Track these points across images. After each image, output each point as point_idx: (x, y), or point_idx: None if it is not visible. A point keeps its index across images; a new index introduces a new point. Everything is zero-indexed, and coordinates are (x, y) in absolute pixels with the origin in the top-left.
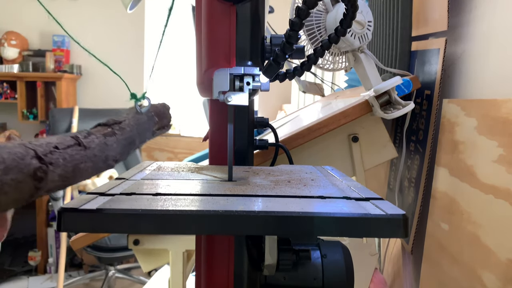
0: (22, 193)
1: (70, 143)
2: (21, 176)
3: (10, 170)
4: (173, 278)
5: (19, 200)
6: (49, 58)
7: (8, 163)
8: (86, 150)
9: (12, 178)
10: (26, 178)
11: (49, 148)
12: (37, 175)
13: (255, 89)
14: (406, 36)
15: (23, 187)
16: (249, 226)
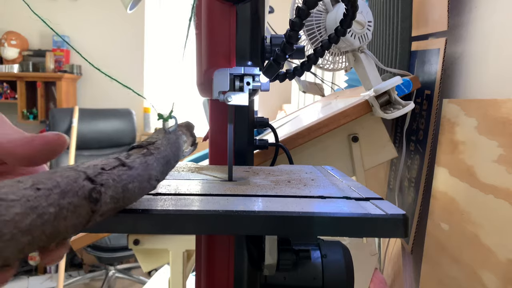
0: (80, 218)
1: (114, 164)
2: (77, 199)
3: (66, 193)
4: (173, 278)
5: (78, 226)
6: (49, 58)
7: (63, 187)
8: (131, 170)
9: (69, 202)
10: (82, 201)
11: (97, 170)
12: (92, 196)
13: (255, 89)
14: (406, 36)
15: (81, 211)
16: (249, 226)
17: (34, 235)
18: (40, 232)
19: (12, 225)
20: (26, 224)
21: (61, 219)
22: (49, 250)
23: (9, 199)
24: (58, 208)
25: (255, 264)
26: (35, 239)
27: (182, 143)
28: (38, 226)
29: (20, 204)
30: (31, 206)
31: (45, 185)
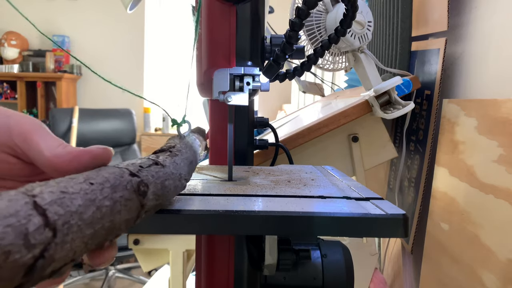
0: (131, 212)
1: (149, 162)
2: (127, 193)
3: (116, 187)
4: (173, 278)
5: (129, 221)
6: (49, 58)
7: (112, 181)
8: (164, 168)
9: (120, 196)
10: (131, 194)
11: (137, 167)
12: (140, 189)
13: (255, 89)
14: (406, 36)
15: (131, 205)
16: (249, 226)
17: (95, 228)
18: (101, 225)
19: (77, 216)
20: (89, 216)
21: (116, 213)
22: (101, 250)
23: (70, 192)
24: (112, 202)
25: (255, 264)
26: (96, 233)
27: (198, 147)
28: (98, 219)
29: (80, 196)
30: (90, 199)
31: (96, 180)
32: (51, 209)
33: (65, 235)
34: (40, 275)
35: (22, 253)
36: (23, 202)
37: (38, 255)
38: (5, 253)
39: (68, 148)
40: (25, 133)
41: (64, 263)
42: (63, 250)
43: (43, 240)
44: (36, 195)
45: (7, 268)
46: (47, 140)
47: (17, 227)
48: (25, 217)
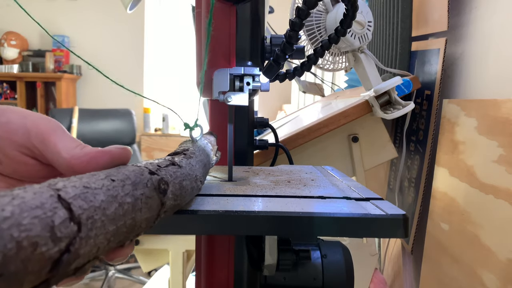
0: (151, 211)
1: (166, 163)
2: (148, 191)
3: (137, 184)
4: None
5: (150, 220)
6: (49, 58)
7: (133, 179)
8: (181, 169)
9: (141, 193)
10: (152, 192)
11: (155, 166)
12: (161, 187)
13: (255, 89)
14: (406, 36)
15: (152, 203)
16: (249, 226)
17: (118, 224)
18: (123, 222)
19: (101, 212)
20: (112, 212)
21: (137, 211)
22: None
23: (92, 187)
24: (134, 199)
25: (255, 264)
26: (118, 230)
27: (210, 151)
28: (120, 216)
29: (103, 192)
30: (112, 195)
31: (117, 177)
32: (75, 203)
33: (89, 230)
34: (65, 271)
35: (48, 245)
36: (48, 195)
37: (64, 249)
38: (32, 244)
39: (86, 149)
40: (42, 134)
41: (88, 260)
42: (87, 245)
43: (68, 233)
44: (60, 189)
45: (35, 260)
46: (64, 141)
47: (43, 219)
48: (50, 210)
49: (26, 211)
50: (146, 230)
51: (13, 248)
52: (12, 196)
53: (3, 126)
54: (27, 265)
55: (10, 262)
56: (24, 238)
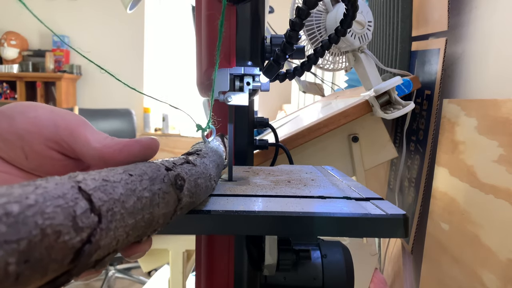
0: (168, 206)
1: (181, 161)
2: (165, 186)
3: (154, 180)
4: (173, 278)
5: (167, 216)
6: (49, 58)
7: (150, 174)
8: (196, 167)
9: (159, 188)
10: (169, 187)
11: (171, 164)
12: (177, 183)
13: (255, 89)
14: (406, 36)
15: (169, 198)
16: (249, 226)
17: (136, 218)
18: (141, 216)
19: (120, 204)
20: (130, 205)
21: (155, 205)
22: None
23: (111, 180)
24: (151, 194)
25: (255, 264)
26: (137, 224)
27: (222, 152)
28: (139, 210)
29: (121, 185)
30: (130, 189)
31: (135, 172)
32: (96, 194)
33: (109, 222)
34: (86, 262)
35: (71, 235)
36: (69, 186)
37: (85, 239)
38: (56, 232)
39: (116, 139)
40: (71, 127)
41: (108, 252)
42: (107, 237)
43: (89, 224)
44: (80, 181)
45: (58, 249)
46: (94, 133)
47: (66, 208)
48: (72, 200)
49: (49, 200)
50: (163, 226)
51: (38, 235)
52: (35, 185)
53: (32, 120)
54: (50, 253)
55: (35, 249)
56: (48, 225)
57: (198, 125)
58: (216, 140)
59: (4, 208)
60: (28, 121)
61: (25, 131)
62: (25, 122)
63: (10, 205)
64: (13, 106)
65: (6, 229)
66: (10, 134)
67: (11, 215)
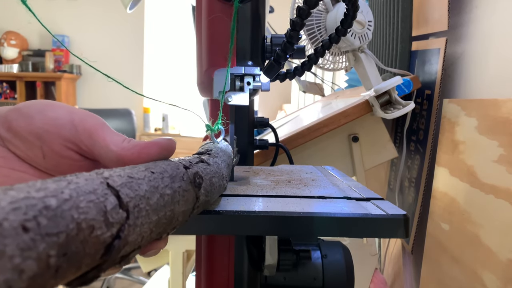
0: (187, 204)
1: (196, 160)
2: (184, 184)
3: (174, 178)
4: (173, 278)
5: (186, 213)
6: (49, 58)
7: (170, 172)
8: (210, 166)
9: (179, 186)
10: (188, 185)
11: (187, 162)
12: (196, 181)
13: (255, 89)
14: (406, 36)
15: (188, 196)
16: (249, 226)
17: (159, 215)
18: (163, 213)
19: (145, 201)
20: (154, 202)
21: (175, 203)
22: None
23: (136, 177)
24: (172, 191)
25: (255, 264)
26: (159, 221)
27: (231, 153)
28: (162, 207)
29: (145, 182)
30: (153, 186)
31: (156, 170)
32: (123, 191)
33: (136, 218)
34: (115, 257)
35: (102, 229)
36: (98, 182)
37: (115, 234)
38: (89, 227)
39: (134, 142)
40: (90, 129)
41: (133, 249)
42: (134, 233)
43: (119, 219)
44: (107, 177)
45: (92, 243)
46: (112, 135)
47: (97, 204)
48: (102, 195)
49: (82, 195)
50: (182, 224)
51: (74, 229)
52: (67, 181)
53: (52, 120)
54: (85, 247)
55: (72, 242)
56: (83, 220)
57: (208, 125)
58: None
59: (43, 201)
60: (47, 121)
61: (44, 131)
62: (44, 122)
63: (48, 199)
64: (31, 105)
65: (47, 222)
66: (29, 133)
67: (50, 209)
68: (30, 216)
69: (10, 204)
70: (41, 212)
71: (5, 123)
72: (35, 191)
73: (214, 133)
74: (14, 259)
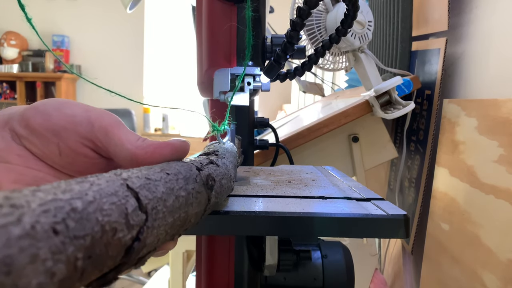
0: (200, 206)
1: (206, 161)
2: (197, 186)
3: (188, 179)
4: (173, 278)
5: (198, 215)
6: (49, 58)
7: (184, 173)
8: (219, 168)
9: (192, 188)
10: (201, 187)
11: (198, 163)
12: (208, 183)
13: (255, 89)
14: (406, 36)
15: (201, 198)
16: (249, 227)
17: (174, 217)
18: (178, 215)
19: (162, 203)
20: (170, 204)
21: (189, 205)
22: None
23: (153, 179)
24: (186, 193)
25: (255, 264)
26: (174, 223)
27: (236, 154)
28: (177, 209)
29: (162, 184)
30: (169, 187)
31: (171, 171)
32: (142, 192)
33: (154, 220)
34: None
35: (124, 232)
36: (119, 183)
37: (135, 236)
38: (112, 229)
39: (148, 141)
40: (106, 127)
41: (149, 250)
42: (151, 235)
43: (138, 222)
44: (126, 178)
45: (114, 245)
46: (127, 133)
47: (119, 206)
48: (123, 197)
49: (104, 197)
50: (193, 226)
51: (99, 231)
52: (89, 182)
53: (69, 117)
54: (108, 249)
55: (96, 245)
56: (106, 222)
57: (214, 126)
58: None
59: (70, 203)
60: (64, 118)
61: (62, 127)
62: (61, 118)
63: (74, 201)
64: (47, 102)
65: (75, 224)
66: (46, 130)
67: (77, 211)
68: (59, 218)
69: (40, 206)
70: (68, 215)
71: (23, 120)
72: (61, 192)
73: (220, 133)
74: (46, 263)
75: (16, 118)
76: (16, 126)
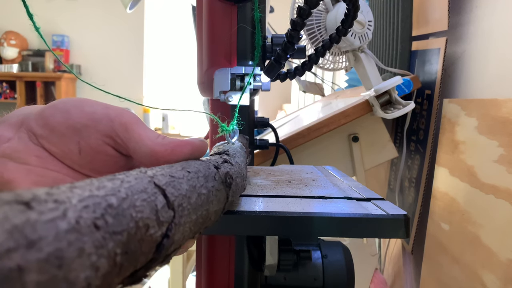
0: (219, 204)
1: (221, 160)
2: (217, 184)
3: (207, 177)
4: (173, 278)
5: (217, 213)
6: (49, 58)
7: (203, 172)
8: (234, 166)
9: (212, 185)
10: (220, 185)
11: (215, 162)
12: (227, 181)
13: (256, 89)
14: (406, 35)
15: (220, 196)
16: (249, 227)
17: (197, 214)
18: (200, 213)
19: (187, 200)
20: (194, 201)
21: (210, 203)
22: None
23: (176, 177)
24: (207, 191)
25: (255, 264)
26: (197, 220)
27: (244, 153)
28: (199, 206)
29: (185, 182)
30: (192, 185)
31: (191, 169)
32: (168, 190)
33: (180, 217)
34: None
35: (155, 228)
36: (146, 180)
37: (164, 233)
38: (145, 226)
39: (168, 139)
40: (126, 124)
41: (175, 248)
42: (178, 232)
43: (167, 218)
44: (152, 176)
45: (146, 242)
46: (147, 131)
47: (149, 202)
48: (152, 194)
49: (135, 194)
50: (212, 224)
51: (134, 228)
52: (120, 179)
53: (89, 114)
54: (142, 246)
55: (131, 241)
56: (140, 219)
57: (223, 126)
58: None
59: (105, 200)
60: (85, 116)
61: (82, 125)
62: (82, 116)
63: (109, 197)
64: (66, 101)
65: (113, 220)
66: (67, 127)
67: (113, 207)
68: (99, 214)
69: (80, 202)
70: (106, 211)
71: (40, 120)
72: (96, 189)
73: (228, 133)
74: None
75: (32, 118)
76: (33, 126)
